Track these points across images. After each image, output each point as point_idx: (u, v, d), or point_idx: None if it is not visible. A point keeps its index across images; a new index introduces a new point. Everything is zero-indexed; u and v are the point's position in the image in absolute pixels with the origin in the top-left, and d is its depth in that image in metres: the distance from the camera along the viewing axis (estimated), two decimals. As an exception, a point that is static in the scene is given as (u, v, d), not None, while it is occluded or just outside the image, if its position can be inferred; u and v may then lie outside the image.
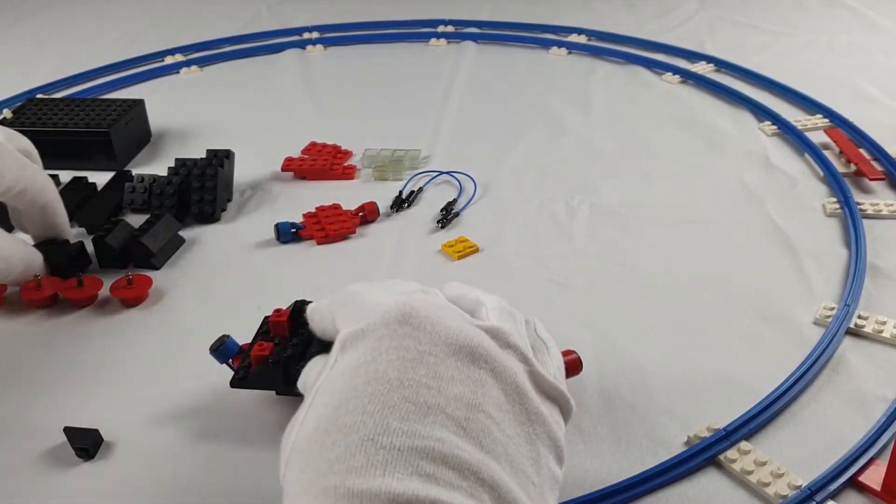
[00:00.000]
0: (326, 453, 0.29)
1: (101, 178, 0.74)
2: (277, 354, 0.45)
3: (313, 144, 0.79)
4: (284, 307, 0.48)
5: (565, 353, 0.46)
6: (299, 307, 0.49)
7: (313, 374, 0.36)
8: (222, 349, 0.46)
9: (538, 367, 0.35)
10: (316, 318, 0.41)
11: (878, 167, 0.72)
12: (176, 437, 0.46)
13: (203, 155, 0.71)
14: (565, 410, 0.36)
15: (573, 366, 0.46)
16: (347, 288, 0.38)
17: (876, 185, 0.70)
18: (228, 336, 0.47)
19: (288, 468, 0.31)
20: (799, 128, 0.80)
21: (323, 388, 0.32)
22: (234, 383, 0.46)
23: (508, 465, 0.30)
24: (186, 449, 0.45)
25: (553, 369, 0.37)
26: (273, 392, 0.47)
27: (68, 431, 0.45)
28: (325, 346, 0.45)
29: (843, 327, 0.52)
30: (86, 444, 0.44)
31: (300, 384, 0.38)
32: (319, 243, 0.65)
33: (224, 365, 0.47)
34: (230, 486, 0.42)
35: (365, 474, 0.27)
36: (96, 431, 0.45)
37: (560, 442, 0.34)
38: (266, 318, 0.49)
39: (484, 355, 0.32)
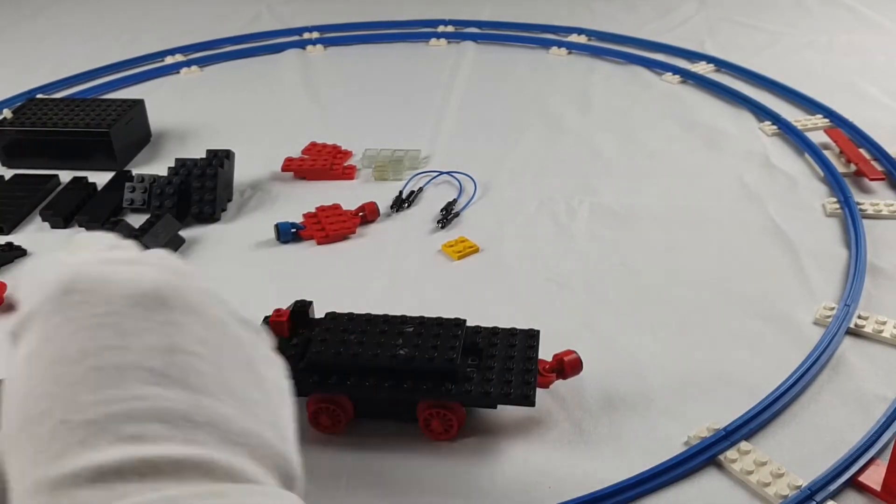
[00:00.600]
0: (25, 450, 0.27)
1: (101, 178, 0.74)
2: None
3: (313, 144, 0.79)
4: (284, 307, 0.48)
5: (565, 353, 0.46)
6: (299, 307, 0.49)
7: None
8: None
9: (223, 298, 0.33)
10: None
11: (878, 167, 0.72)
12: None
13: (203, 155, 0.71)
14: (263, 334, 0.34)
15: (573, 365, 0.46)
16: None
17: (876, 185, 0.70)
18: None
19: (8, 470, 0.28)
20: (799, 128, 0.80)
21: (5, 386, 0.30)
22: None
23: (229, 395, 0.28)
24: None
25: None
26: None
27: (68, 431, 0.45)
28: (321, 348, 0.45)
29: (843, 327, 0.52)
30: (86, 444, 0.44)
31: None
32: (319, 243, 0.65)
33: None
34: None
35: (64, 457, 0.25)
36: (96, 431, 0.45)
37: (277, 360, 0.32)
38: (266, 318, 0.49)
39: (170, 294, 0.30)
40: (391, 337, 0.45)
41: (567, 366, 0.46)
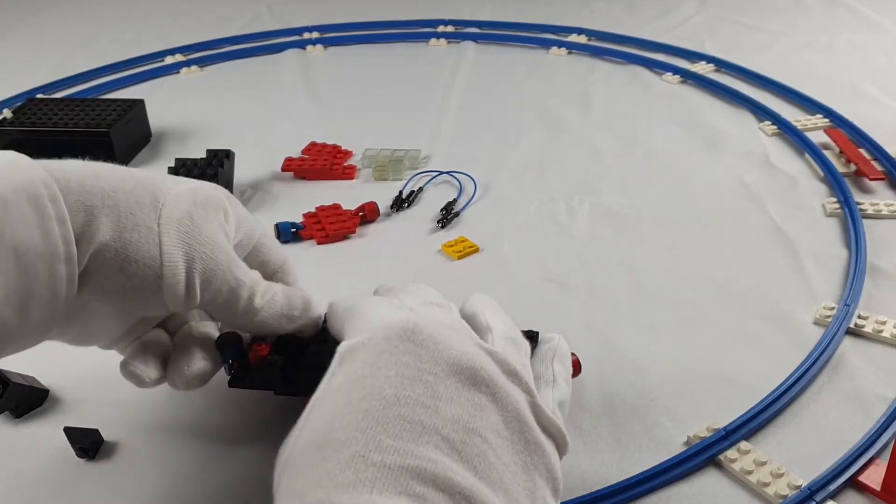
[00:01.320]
0: (317, 468, 0.28)
1: (101, 178, 0.74)
2: (276, 354, 0.45)
3: (313, 144, 0.79)
4: None
5: None
6: None
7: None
8: (231, 350, 0.46)
9: (538, 400, 0.34)
10: (330, 320, 0.41)
11: (878, 167, 0.72)
12: (176, 436, 0.46)
13: (203, 155, 0.71)
14: (561, 445, 0.35)
15: (573, 366, 0.46)
16: (360, 296, 0.38)
17: (876, 185, 0.70)
18: (240, 337, 0.46)
19: (280, 481, 0.30)
20: (799, 128, 0.80)
21: (320, 400, 0.32)
22: (233, 383, 0.45)
23: (503, 493, 0.29)
24: (186, 449, 0.45)
25: (552, 404, 0.36)
26: (272, 392, 0.47)
27: (68, 431, 0.45)
28: (321, 348, 0.45)
29: (843, 327, 0.52)
30: (86, 444, 0.44)
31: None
32: (319, 243, 0.65)
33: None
34: (230, 486, 0.42)
35: (352, 491, 0.26)
36: (96, 431, 0.45)
37: (557, 475, 0.33)
38: None
39: (486, 379, 0.32)
40: None
41: None
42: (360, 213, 0.67)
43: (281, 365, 0.44)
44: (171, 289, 0.37)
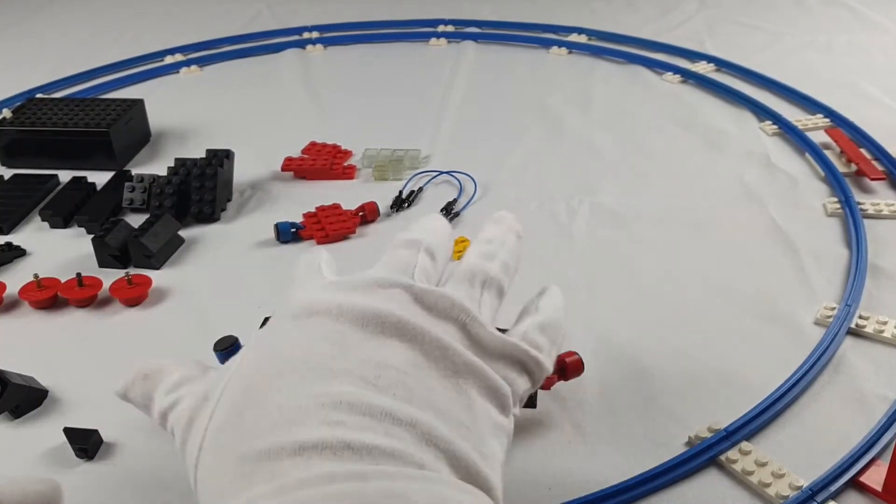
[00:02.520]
0: (236, 430, 0.29)
1: (100, 178, 0.74)
2: None
3: (313, 144, 0.79)
4: None
5: (567, 355, 0.46)
6: None
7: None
8: (230, 351, 0.46)
9: (476, 327, 0.34)
10: None
11: (879, 167, 0.72)
12: (176, 437, 0.46)
13: (203, 155, 0.71)
14: (531, 367, 0.35)
15: (575, 367, 0.46)
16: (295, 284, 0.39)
17: (877, 185, 0.70)
18: (237, 339, 0.47)
19: (199, 467, 0.30)
20: (800, 127, 0.80)
21: (231, 378, 0.32)
22: None
23: (430, 409, 0.30)
24: (186, 449, 0.45)
25: (525, 327, 0.36)
26: None
27: (68, 431, 0.45)
28: None
29: (844, 327, 0.52)
30: (86, 444, 0.44)
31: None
32: (319, 243, 0.64)
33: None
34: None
35: (271, 434, 0.28)
36: (96, 431, 0.45)
37: (504, 392, 0.33)
38: (266, 318, 0.49)
39: (395, 323, 0.32)
40: None
41: (569, 367, 0.45)
42: (360, 213, 0.67)
43: None
44: None
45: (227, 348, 0.46)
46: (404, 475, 0.27)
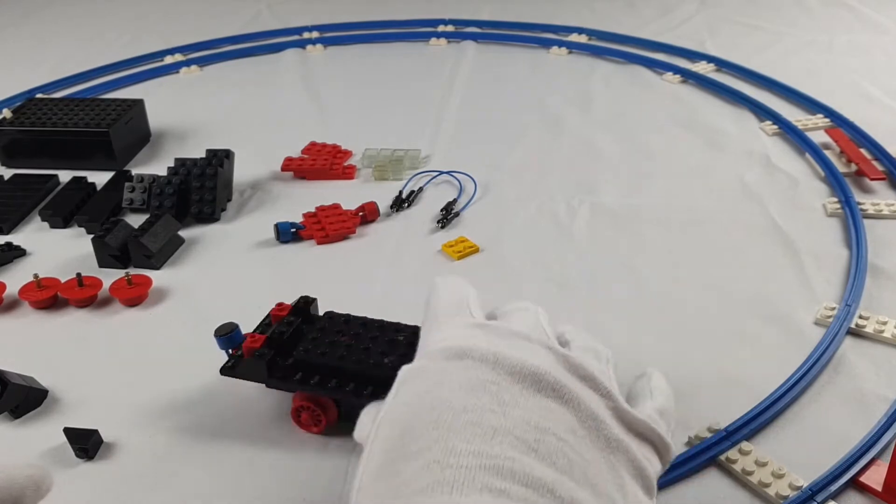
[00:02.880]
0: (393, 481, 0.28)
1: (100, 178, 0.74)
2: (265, 348, 0.45)
3: (313, 144, 0.79)
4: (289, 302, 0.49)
5: None
6: (303, 303, 0.49)
7: (369, 419, 0.34)
8: (229, 337, 0.46)
9: (620, 402, 0.33)
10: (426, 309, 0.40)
11: (879, 167, 0.72)
12: (175, 436, 0.46)
13: (203, 155, 0.71)
14: (660, 448, 0.34)
15: None
16: (439, 305, 0.38)
17: (877, 185, 0.70)
18: (237, 326, 0.47)
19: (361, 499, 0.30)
20: (800, 127, 0.80)
21: (385, 419, 0.31)
22: (224, 371, 0.46)
23: (589, 487, 0.29)
24: (186, 448, 0.45)
25: (648, 410, 0.36)
26: (264, 387, 0.46)
27: (68, 431, 0.45)
28: (310, 347, 0.45)
29: (844, 327, 0.52)
30: (86, 444, 0.44)
31: (357, 434, 0.36)
32: (319, 243, 0.64)
33: (223, 351, 0.47)
34: (230, 484, 0.42)
35: (431, 494, 0.26)
36: (96, 431, 0.45)
37: (648, 473, 0.33)
38: (269, 314, 0.49)
39: (552, 383, 0.31)
40: (381, 344, 0.44)
41: None
42: (360, 213, 0.67)
43: (269, 359, 0.44)
44: None
45: (228, 334, 0.46)
46: None
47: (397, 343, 0.44)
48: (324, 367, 0.44)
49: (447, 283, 0.40)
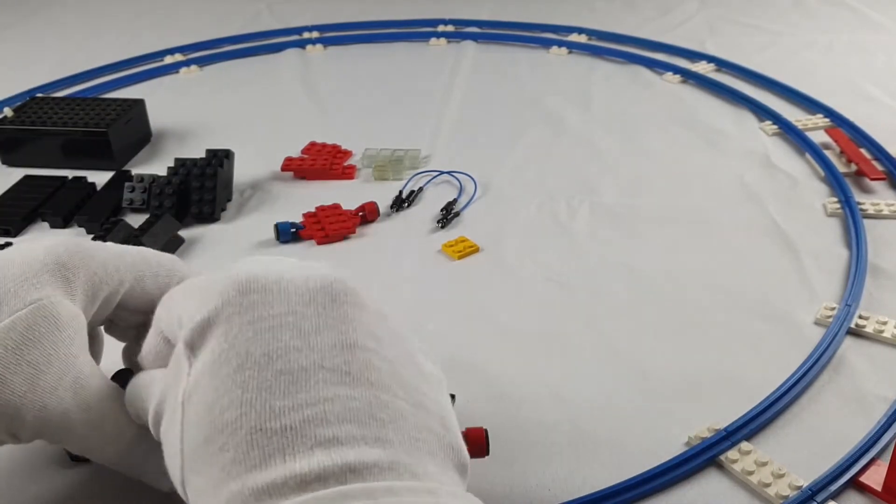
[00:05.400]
0: (218, 460, 0.26)
1: (100, 178, 0.74)
2: None
3: (313, 144, 0.79)
4: None
5: (473, 430, 0.39)
6: None
7: (156, 392, 0.32)
8: None
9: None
10: (163, 316, 0.35)
11: (879, 167, 0.72)
12: (175, 437, 0.46)
13: (203, 155, 0.71)
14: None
15: (475, 443, 0.38)
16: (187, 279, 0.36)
17: (877, 185, 0.70)
18: None
19: (186, 489, 0.28)
20: (800, 127, 0.80)
21: (189, 397, 0.29)
22: None
23: (402, 389, 0.29)
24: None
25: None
26: None
27: (67, 432, 0.45)
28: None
29: (843, 327, 0.52)
30: (85, 444, 0.44)
31: (133, 409, 0.35)
32: (319, 243, 0.64)
33: None
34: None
35: (265, 467, 0.25)
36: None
37: (422, 346, 0.33)
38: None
39: (340, 289, 0.30)
40: None
41: (469, 440, 0.35)
42: (360, 213, 0.67)
43: None
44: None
45: None
46: (409, 489, 0.25)
47: None
48: None
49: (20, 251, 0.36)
